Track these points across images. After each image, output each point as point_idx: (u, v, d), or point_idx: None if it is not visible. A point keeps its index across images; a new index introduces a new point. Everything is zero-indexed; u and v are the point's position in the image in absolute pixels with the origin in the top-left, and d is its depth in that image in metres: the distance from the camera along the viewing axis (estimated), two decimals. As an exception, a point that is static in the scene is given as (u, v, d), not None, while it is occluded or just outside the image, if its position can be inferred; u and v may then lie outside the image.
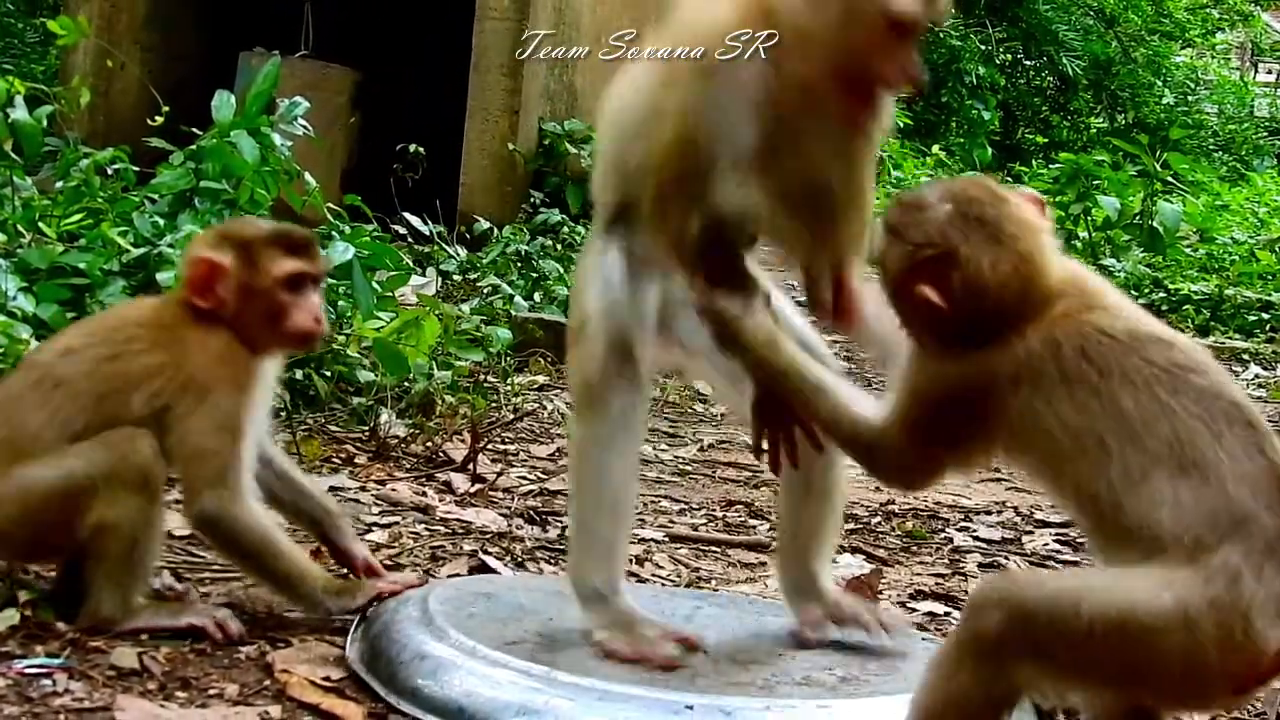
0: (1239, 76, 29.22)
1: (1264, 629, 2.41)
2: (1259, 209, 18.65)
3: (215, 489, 3.02)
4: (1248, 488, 2.46)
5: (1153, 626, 2.40)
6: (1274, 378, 10.18)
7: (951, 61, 22.07)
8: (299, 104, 5.89)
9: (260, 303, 3.14)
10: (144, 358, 3.07)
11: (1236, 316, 11.91)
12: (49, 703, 2.64)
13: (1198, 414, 2.50)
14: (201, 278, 3.12)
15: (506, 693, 2.72)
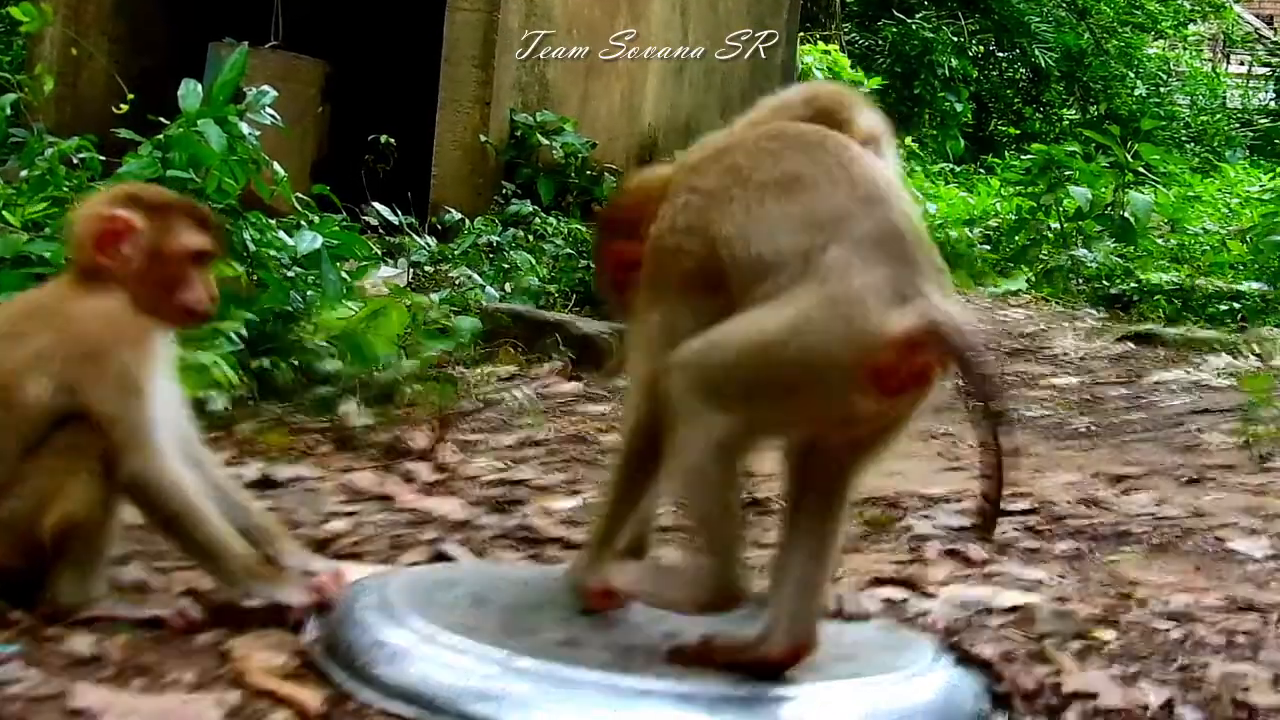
0: (1211, 68, 29.28)
1: (881, 312, 2.53)
2: (1230, 200, 18.71)
3: (131, 452, 3.00)
4: (844, 192, 2.65)
5: (782, 339, 2.56)
6: (1241, 367, 10.21)
7: (924, 53, 22.12)
8: (267, 93, 5.89)
9: (163, 271, 3.14)
10: (35, 341, 3.04)
11: (1205, 306, 11.95)
12: (3, 690, 2.63)
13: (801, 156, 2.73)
14: (109, 234, 3.10)
15: (465, 678, 2.73)
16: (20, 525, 2.96)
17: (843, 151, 2.75)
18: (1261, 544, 5.09)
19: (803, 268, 2.59)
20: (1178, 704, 3.18)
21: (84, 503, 2.96)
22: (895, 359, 2.56)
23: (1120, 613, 3.98)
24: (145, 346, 3.08)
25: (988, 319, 11.52)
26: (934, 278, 2.68)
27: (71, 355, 3.01)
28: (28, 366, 3.00)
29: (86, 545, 2.98)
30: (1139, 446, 7.15)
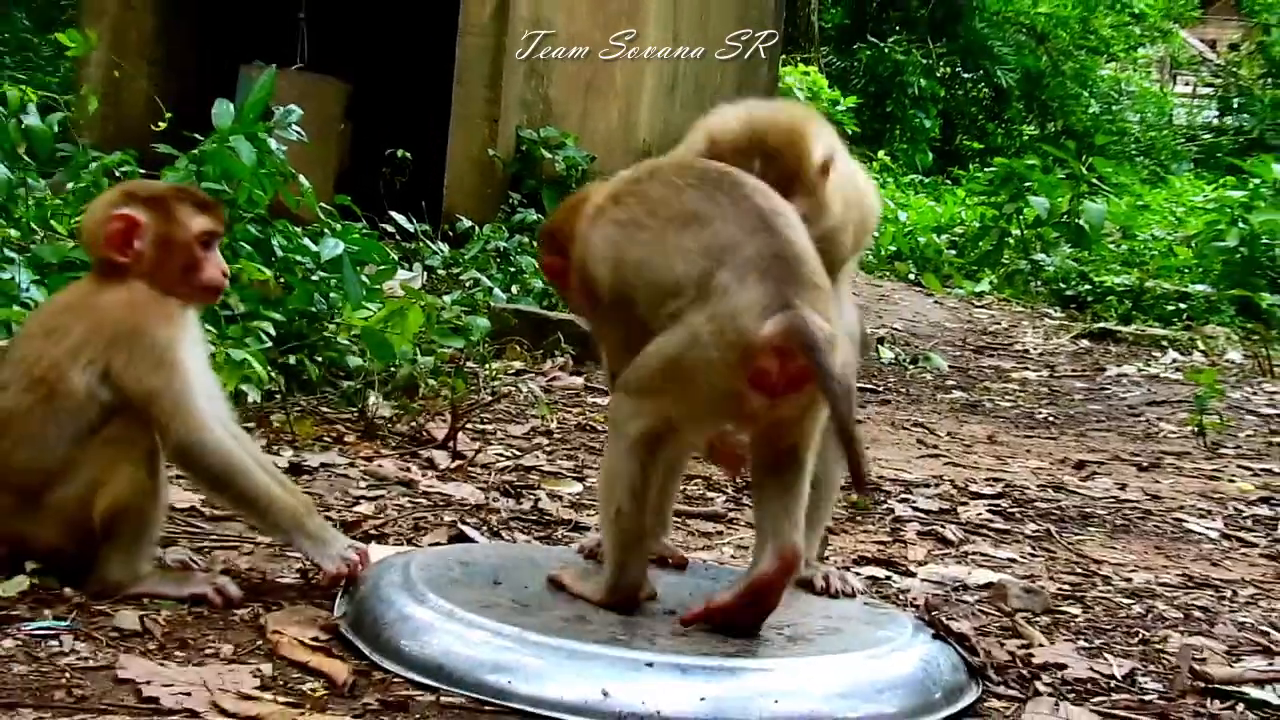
0: (1159, 88, 29.28)
1: (749, 324, 2.74)
2: (1177, 208, 18.72)
3: (174, 421, 2.95)
4: (734, 224, 2.86)
5: (680, 353, 2.80)
6: (1190, 362, 10.20)
7: (896, 74, 22.14)
8: (293, 111, 5.85)
9: (176, 256, 3.09)
10: (71, 335, 2.99)
11: (1156, 306, 11.95)
12: (55, 662, 2.60)
13: (701, 193, 2.92)
14: (119, 233, 3.05)
15: (481, 652, 2.70)
16: (71, 509, 2.93)
17: (737, 189, 2.95)
18: (1216, 524, 5.10)
19: (695, 293, 2.81)
20: (1139, 674, 3.15)
21: (132, 489, 2.93)
22: (770, 364, 2.77)
23: (1086, 589, 3.96)
24: (172, 324, 3.04)
25: (957, 318, 11.51)
26: (809, 293, 2.84)
27: (106, 341, 2.97)
28: (68, 358, 2.95)
29: (134, 528, 2.95)
30: (1099, 435, 7.14)
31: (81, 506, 2.93)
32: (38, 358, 2.98)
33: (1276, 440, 7.22)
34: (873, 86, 22.13)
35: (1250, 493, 5.74)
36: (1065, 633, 3.47)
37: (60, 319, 3.05)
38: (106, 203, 3.15)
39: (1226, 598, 3.98)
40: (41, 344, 3.01)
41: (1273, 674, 3.19)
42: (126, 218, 3.06)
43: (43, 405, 2.96)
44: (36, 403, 2.96)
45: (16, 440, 2.96)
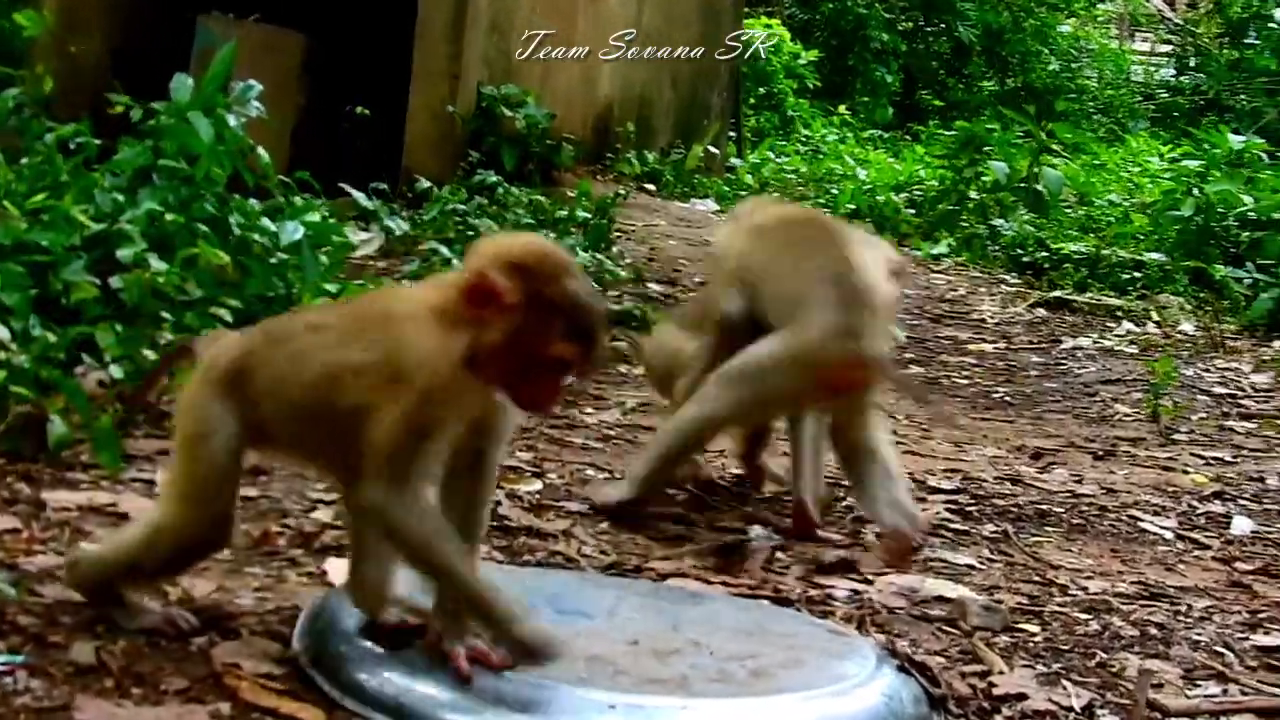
0: (1118, 45, 29.30)
1: (830, 345, 4.07)
2: (1133, 169, 18.76)
3: (375, 480, 2.66)
4: (819, 273, 4.19)
5: (776, 356, 4.18)
6: (1144, 333, 10.24)
7: (858, 28, 22.10)
8: (253, 87, 5.77)
9: (515, 357, 2.65)
10: (366, 351, 2.72)
11: (1111, 275, 11.98)
12: (10, 702, 2.56)
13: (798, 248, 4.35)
14: (482, 293, 2.62)
15: (442, 691, 2.67)
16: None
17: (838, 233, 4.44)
18: (1170, 523, 5.12)
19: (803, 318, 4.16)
20: (1097, 705, 3.16)
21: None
22: (835, 374, 4.12)
23: (1044, 602, 3.97)
24: (456, 401, 2.68)
25: (915, 284, 11.49)
26: (872, 322, 4.14)
27: (386, 378, 2.67)
28: (351, 373, 2.70)
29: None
30: (1055, 418, 7.16)
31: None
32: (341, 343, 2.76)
33: (1228, 424, 7.25)
34: (834, 40, 22.08)
35: (1204, 486, 5.76)
36: (1024, 655, 3.47)
37: (368, 328, 2.76)
38: (502, 252, 2.68)
39: (1182, 611, 3.99)
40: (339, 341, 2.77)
41: (1228, 704, 3.20)
42: (499, 289, 2.61)
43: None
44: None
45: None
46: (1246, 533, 5.06)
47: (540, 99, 11.57)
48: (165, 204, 5.24)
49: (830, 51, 21.64)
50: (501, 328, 2.62)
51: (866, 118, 21.94)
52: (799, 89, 20.75)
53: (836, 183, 15.92)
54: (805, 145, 19.46)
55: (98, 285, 4.68)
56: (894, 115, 22.60)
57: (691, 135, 14.68)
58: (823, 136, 19.99)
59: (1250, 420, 7.40)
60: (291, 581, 3.37)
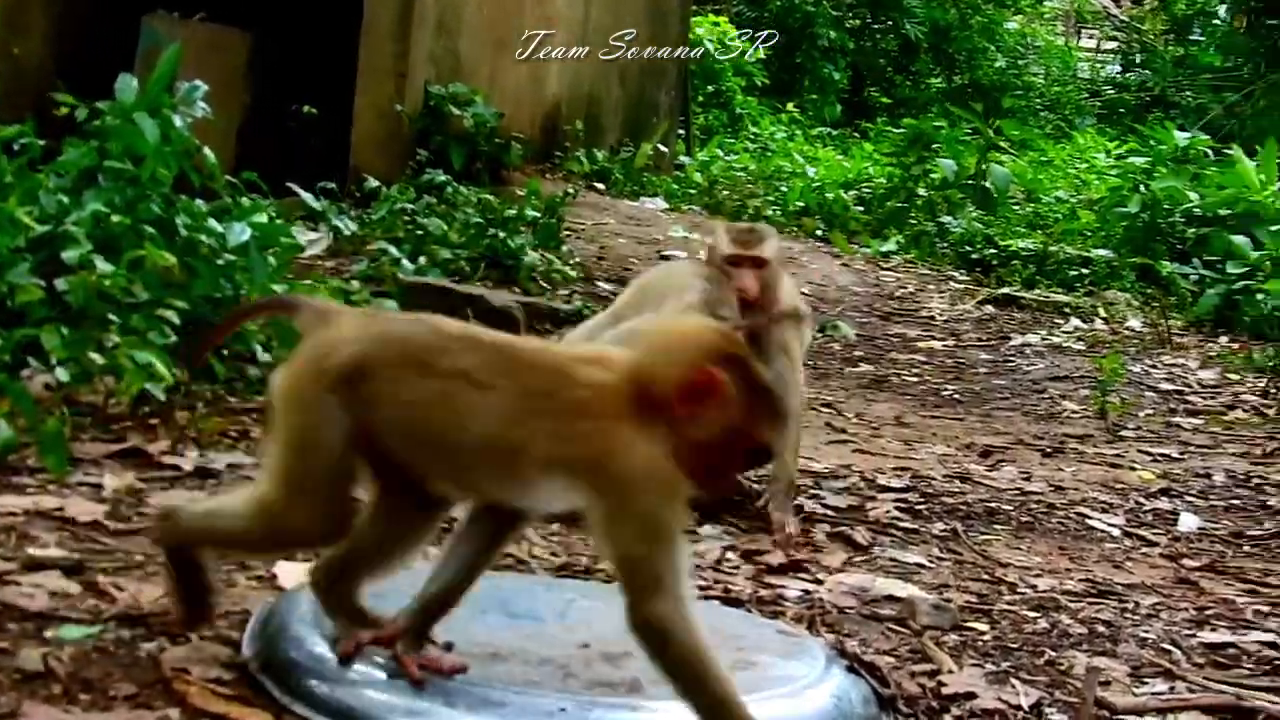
0: (1064, 42, 29.45)
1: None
2: (1080, 165, 18.86)
3: (652, 596, 2.55)
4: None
5: None
6: (1092, 330, 10.31)
7: (806, 25, 22.12)
8: (198, 88, 5.73)
9: (722, 448, 2.63)
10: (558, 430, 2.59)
11: (1059, 271, 12.06)
12: (-44, 711, 2.55)
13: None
14: (700, 389, 2.56)
15: (394, 696, 2.67)
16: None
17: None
18: (1118, 520, 5.16)
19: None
20: (1045, 704, 3.18)
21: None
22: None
23: (993, 600, 4.00)
24: (680, 498, 2.61)
25: (864, 281, 11.55)
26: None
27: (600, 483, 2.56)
28: (540, 461, 2.58)
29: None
30: (1004, 415, 7.20)
31: None
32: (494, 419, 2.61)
33: (1175, 421, 7.32)
34: (783, 37, 22.11)
35: (1151, 483, 5.81)
36: (973, 654, 3.50)
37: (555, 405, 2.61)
38: (712, 346, 2.63)
39: (1129, 609, 4.03)
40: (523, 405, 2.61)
41: (1175, 701, 3.23)
42: (721, 387, 2.57)
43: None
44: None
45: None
46: (1193, 529, 5.11)
47: (488, 98, 11.55)
48: (111, 205, 5.20)
49: (778, 49, 21.65)
50: (718, 422, 2.58)
51: (815, 115, 21.99)
52: (747, 86, 20.78)
53: (785, 180, 15.95)
54: (754, 143, 19.48)
55: (43, 287, 4.64)
56: (842, 112, 22.65)
57: (640, 133, 14.68)
58: (771, 134, 20.02)
59: (1197, 416, 7.47)
60: (241, 585, 3.36)
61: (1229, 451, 6.58)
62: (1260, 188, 12.17)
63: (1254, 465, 6.28)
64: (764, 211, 13.73)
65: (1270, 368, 8.65)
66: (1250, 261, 10.79)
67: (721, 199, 14.03)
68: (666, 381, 2.56)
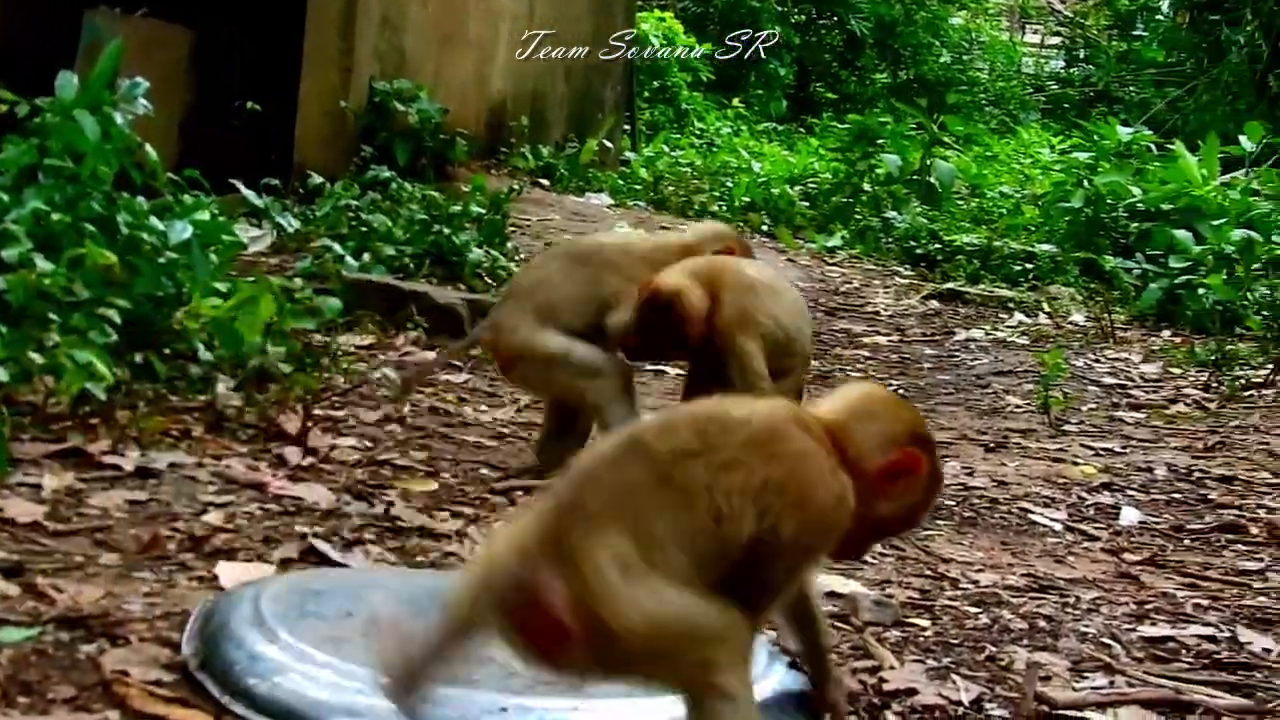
0: (1008, 37, 29.63)
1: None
2: (1024, 160, 18.97)
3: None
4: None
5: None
6: (1036, 325, 10.37)
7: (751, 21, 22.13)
8: (139, 85, 5.71)
9: (885, 524, 2.66)
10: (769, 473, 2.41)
11: (1003, 266, 12.12)
12: (-105, 715, 2.54)
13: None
14: (903, 470, 2.57)
15: (332, 695, 2.67)
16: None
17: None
18: (1060, 514, 5.19)
19: None
20: (986, 700, 3.21)
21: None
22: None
23: (935, 596, 4.02)
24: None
25: (810, 277, 11.58)
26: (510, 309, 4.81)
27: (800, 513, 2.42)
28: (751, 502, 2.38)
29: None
30: (948, 410, 7.24)
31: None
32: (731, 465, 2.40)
33: (1118, 415, 7.37)
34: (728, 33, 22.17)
35: (1093, 477, 5.85)
36: (914, 650, 3.52)
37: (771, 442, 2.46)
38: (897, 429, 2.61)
39: (1070, 604, 4.05)
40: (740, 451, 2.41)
41: (1114, 696, 3.25)
42: (924, 470, 2.59)
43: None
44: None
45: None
46: (1134, 523, 5.15)
47: (433, 93, 11.53)
48: (51, 203, 5.17)
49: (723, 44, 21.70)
50: (899, 503, 2.60)
51: (761, 110, 22.04)
52: (693, 82, 20.80)
53: (731, 176, 15.98)
54: (700, 138, 19.51)
55: (-18, 286, 4.62)
56: (788, 108, 22.72)
57: (585, 129, 14.68)
58: (717, 130, 20.06)
59: (1139, 410, 7.52)
60: (181, 586, 3.35)
61: (1171, 445, 6.63)
62: (1202, 183, 12.27)
63: (1195, 459, 6.32)
64: (710, 207, 13.75)
65: (1212, 362, 8.72)
66: (1193, 256, 10.86)
67: (667, 195, 14.05)
68: (873, 454, 2.54)
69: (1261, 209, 11.67)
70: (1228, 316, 9.92)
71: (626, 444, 2.41)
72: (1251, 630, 3.87)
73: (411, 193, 9.82)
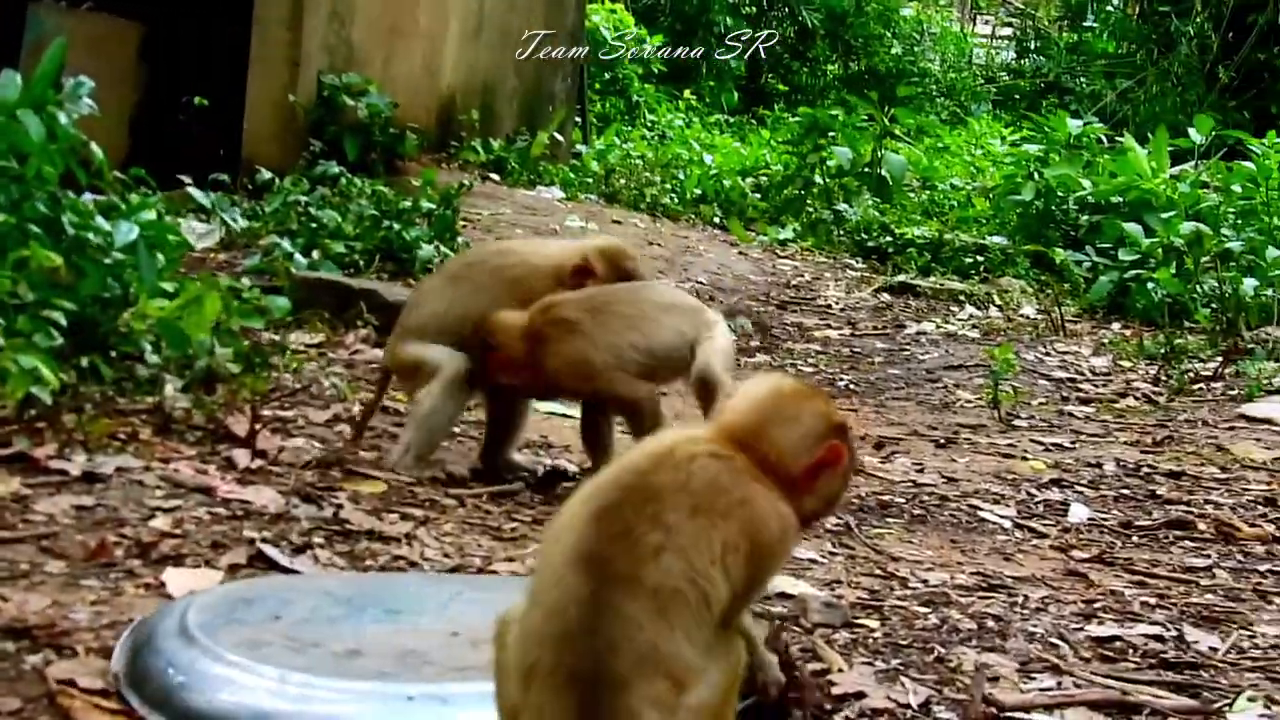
0: (960, 28, 29.72)
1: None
2: (975, 152, 19.05)
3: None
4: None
5: None
6: (987, 318, 10.42)
7: (702, 12, 22.16)
8: (84, 84, 5.66)
9: (820, 509, 2.67)
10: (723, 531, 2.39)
11: (954, 259, 12.19)
12: None
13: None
14: (824, 466, 2.56)
15: (246, 697, 2.67)
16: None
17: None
18: (1009, 511, 5.23)
19: None
20: (934, 702, 3.23)
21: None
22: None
23: (884, 596, 4.04)
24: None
25: (761, 270, 11.61)
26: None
27: (755, 555, 2.44)
28: (720, 568, 2.37)
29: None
30: (899, 405, 7.27)
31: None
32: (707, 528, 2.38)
33: (1068, 409, 7.42)
34: (679, 25, 22.13)
35: (1042, 473, 5.89)
36: (864, 652, 3.53)
37: (715, 501, 2.42)
38: (829, 419, 2.60)
39: (1018, 603, 4.08)
40: (695, 528, 2.37)
41: (1061, 698, 3.28)
42: (841, 455, 2.58)
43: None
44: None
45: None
46: (1083, 520, 5.19)
47: (382, 87, 11.49)
48: (-3, 203, 5.14)
49: (675, 36, 21.67)
50: (828, 491, 2.62)
51: (712, 102, 22.05)
52: (644, 74, 20.78)
53: (683, 168, 15.98)
54: (651, 131, 19.50)
55: (-75, 290, 4.59)
56: (739, 100, 22.73)
57: (536, 122, 14.65)
58: (669, 122, 20.05)
59: (1089, 404, 7.58)
60: (128, 594, 3.34)
61: (1120, 440, 6.68)
62: (1152, 175, 12.34)
63: (1144, 454, 6.37)
64: (661, 199, 13.76)
65: (1161, 355, 8.78)
66: (1142, 249, 10.93)
67: (618, 188, 14.04)
68: (796, 458, 2.53)
69: (1210, 201, 11.75)
70: (1176, 310, 9.99)
71: (585, 567, 2.29)
72: (1198, 629, 3.90)
73: (361, 188, 9.78)
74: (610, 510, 2.34)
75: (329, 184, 10.01)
